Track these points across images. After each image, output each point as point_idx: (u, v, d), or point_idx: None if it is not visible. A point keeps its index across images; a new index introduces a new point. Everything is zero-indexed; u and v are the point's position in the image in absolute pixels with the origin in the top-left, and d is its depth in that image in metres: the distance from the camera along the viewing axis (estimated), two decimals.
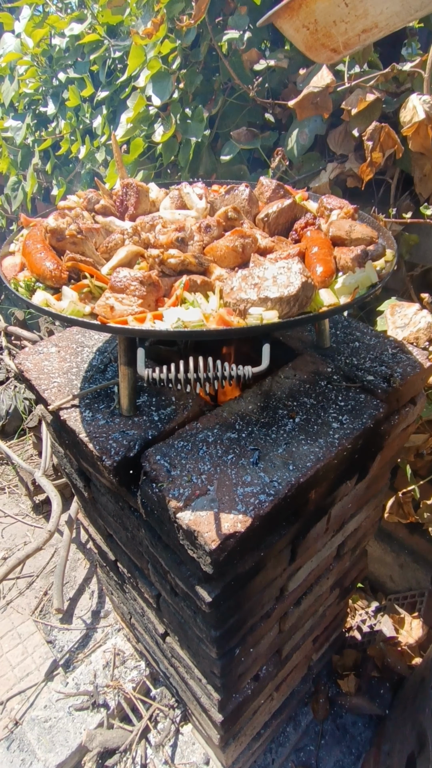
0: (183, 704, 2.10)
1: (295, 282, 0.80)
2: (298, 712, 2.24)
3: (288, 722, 2.22)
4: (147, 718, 2.11)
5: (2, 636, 2.71)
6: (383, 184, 1.84)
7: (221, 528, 0.87)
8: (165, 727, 2.11)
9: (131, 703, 2.22)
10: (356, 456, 1.16)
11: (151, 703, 2.17)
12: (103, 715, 2.16)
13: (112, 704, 2.21)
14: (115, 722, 2.15)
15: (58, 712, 2.22)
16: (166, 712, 2.14)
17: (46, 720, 2.18)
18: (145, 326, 0.78)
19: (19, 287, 0.92)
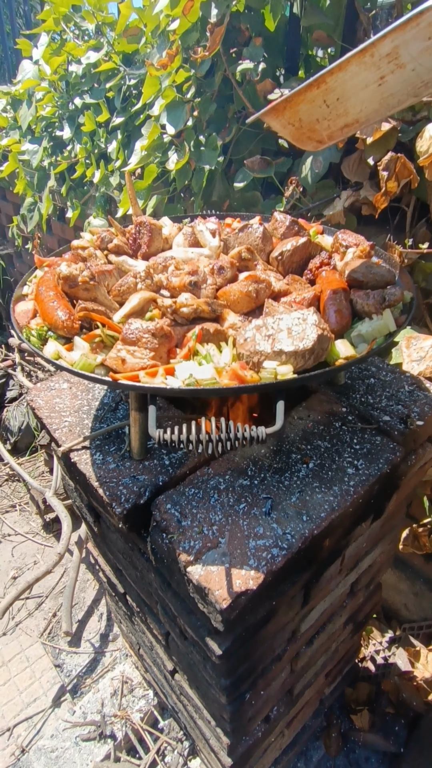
0: (190, 737, 2.05)
1: (311, 335, 0.79)
2: (310, 747, 2.18)
3: (299, 757, 2.16)
4: (155, 752, 2.06)
5: (11, 659, 2.70)
6: (399, 211, 1.81)
7: (232, 585, 0.84)
8: (173, 761, 2.07)
9: (138, 734, 2.18)
10: (372, 500, 1.13)
11: (158, 735, 2.13)
12: (110, 747, 2.13)
13: (119, 735, 2.17)
14: (122, 755, 2.11)
15: (65, 742, 2.19)
16: (174, 745, 2.10)
17: (53, 750, 2.15)
18: (157, 383, 0.77)
19: (31, 336, 0.91)
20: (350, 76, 0.69)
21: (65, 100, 2.92)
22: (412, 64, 0.65)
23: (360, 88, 0.70)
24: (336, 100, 0.73)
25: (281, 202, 1.89)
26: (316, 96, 0.73)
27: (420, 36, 0.61)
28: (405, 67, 0.66)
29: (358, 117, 0.76)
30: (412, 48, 0.63)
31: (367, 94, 0.71)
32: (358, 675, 2.35)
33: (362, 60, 0.66)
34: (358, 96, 0.72)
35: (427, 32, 0.60)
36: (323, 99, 0.73)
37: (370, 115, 0.76)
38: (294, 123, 0.79)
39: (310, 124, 0.78)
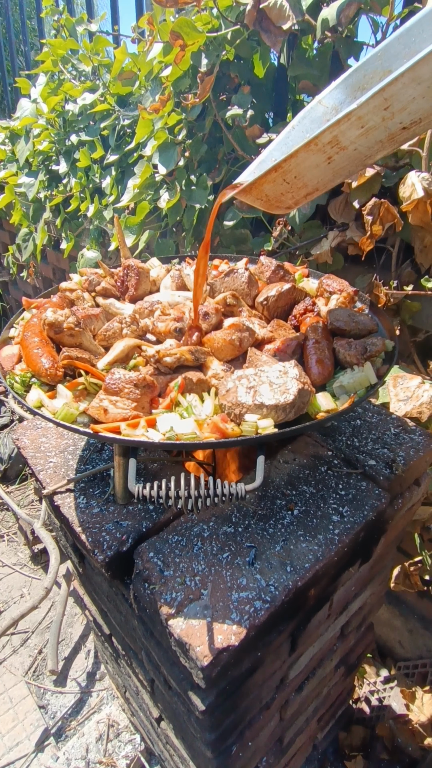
0: None
1: (292, 389, 0.79)
2: None
3: None
4: None
5: None
6: (384, 251, 1.86)
7: (214, 641, 0.83)
8: None
9: None
10: (358, 547, 1.12)
11: None
12: None
13: None
14: None
15: None
16: None
17: None
18: (137, 435, 0.77)
19: (15, 382, 0.91)
20: (302, 161, 0.80)
21: (61, 137, 3.01)
22: (352, 146, 0.77)
23: (312, 167, 0.81)
24: (294, 177, 0.83)
25: (269, 241, 1.94)
26: (276, 177, 0.84)
27: (353, 126, 0.74)
28: (347, 149, 0.77)
29: (317, 186, 0.87)
30: (349, 135, 0.75)
31: (320, 171, 0.82)
32: (352, 717, 2.28)
33: (309, 148, 0.77)
34: (313, 173, 0.82)
35: (358, 123, 0.73)
36: (283, 179, 0.84)
37: (326, 184, 0.87)
38: (262, 198, 0.90)
39: (276, 197, 0.89)
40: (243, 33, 1.86)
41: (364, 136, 0.75)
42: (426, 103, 0.69)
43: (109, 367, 0.93)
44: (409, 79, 0.65)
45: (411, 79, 0.65)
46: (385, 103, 0.69)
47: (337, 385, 0.90)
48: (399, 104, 0.69)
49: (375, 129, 0.74)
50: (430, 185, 1.54)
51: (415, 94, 0.67)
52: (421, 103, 0.69)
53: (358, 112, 0.71)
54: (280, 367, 0.84)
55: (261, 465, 0.75)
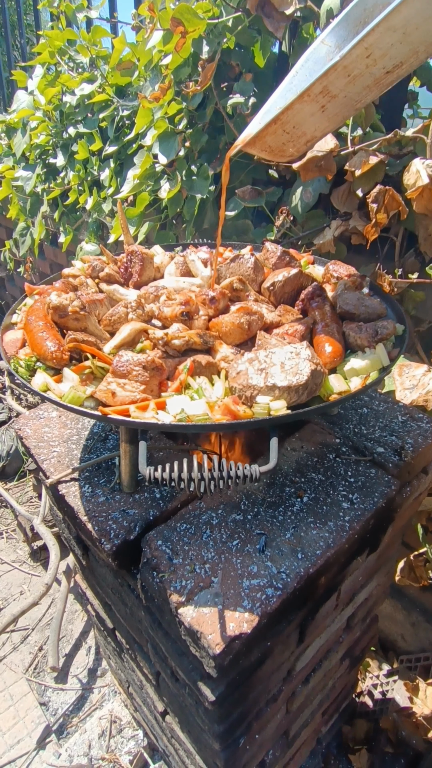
0: None
1: (305, 370, 0.77)
2: None
3: None
4: None
5: None
6: (388, 241, 1.84)
7: (226, 629, 0.81)
8: None
9: None
10: (367, 535, 1.10)
11: None
12: None
13: None
14: None
15: None
16: None
17: None
18: (147, 417, 0.75)
19: (19, 367, 0.89)
20: (297, 112, 0.86)
21: (59, 129, 2.97)
22: (342, 94, 0.84)
23: (308, 116, 0.87)
24: (293, 128, 0.90)
25: (272, 231, 1.92)
26: (276, 129, 0.90)
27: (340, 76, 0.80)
28: (337, 97, 0.84)
29: (314, 134, 0.94)
30: (337, 84, 0.81)
31: (316, 119, 0.88)
32: (355, 711, 2.28)
33: (302, 100, 0.84)
34: (309, 121, 0.89)
35: (344, 72, 0.79)
36: (283, 129, 0.90)
37: (324, 130, 0.94)
38: (266, 149, 0.96)
39: (279, 147, 0.95)
40: (244, 20, 1.84)
41: (352, 83, 0.80)
42: (404, 47, 0.75)
43: (115, 350, 0.91)
44: (385, 28, 0.72)
45: (386, 28, 0.72)
46: (366, 52, 0.75)
47: (348, 368, 0.89)
48: (379, 51, 0.75)
49: (361, 76, 0.79)
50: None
51: (393, 40, 0.74)
52: (399, 48, 0.75)
53: (343, 62, 0.77)
54: (291, 348, 0.82)
55: (275, 447, 0.73)
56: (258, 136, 0.91)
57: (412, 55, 0.77)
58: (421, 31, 0.72)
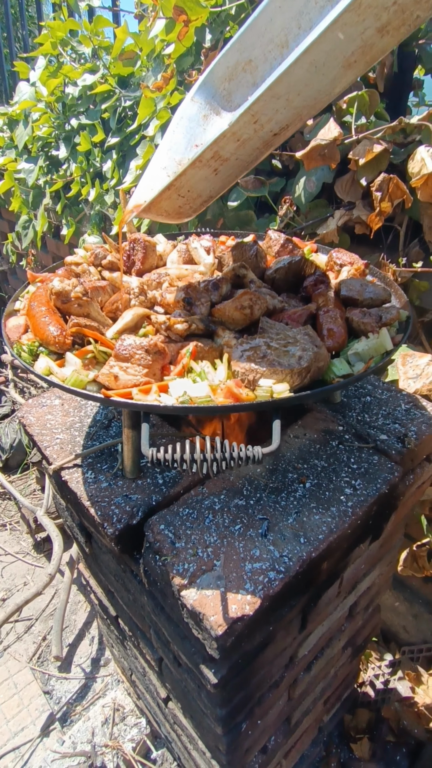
0: None
1: (307, 353, 0.77)
2: None
3: None
4: None
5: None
6: (392, 230, 1.83)
7: (228, 611, 0.81)
8: None
9: (130, 765, 2.10)
10: (370, 521, 1.10)
11: (151, 767, 2.05)
12: None
13: (110, 766, 2.08)
14: None
15: None
16: None
17: None
18: (150, 400, 0.75)
19: (22, 352, 0.89)
20: (190, 177, 0.89)
21: (61, 121, 2.96)
22: (234, 157, 0.87)
23: (202, 180, 0.90)
24: (187, 191, 0.93)
25: (275, 221, 1.91)
26: (171, 194, 0.93)
27: (230, 141, 0.83)
28: (229, 160, 0.87)
29: (210, 194, 0.97)
30: (228, 149, 0.84)
31: (210, 181, 0.91)
32: (357, 701, 2.29)
33: (194, 166, 0.87)
34: (203, 184, 0.92)
35: (234, 138, 0.83)
36: (177, 194, 0.93)
37: (219, 190, 0.97)
38: (162, 213, 1.00)
39: (176, 210, 0.99)
40: (247, 7, 1.82)
41: (242, 147, 0.84)
42: (288, 112, 0.80)
43: (117, 336, 0.91)
44: (269, 96, 0.76)
45: (270, 95, 0.77)
46: (253, 118, 0.80)
47: (352, 353, 0.89)
48: (265, 117, 0.80)
49: (250, 140, 0.83)
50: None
51: (278, 107, 0.79)
52: (284, 113, 0.80)
53: (232, 129, 0.81)
54: (294, 332, 0.82)
55: (277, 429, 0.73)
56: (153, 202, 0.93)
57: (296, 118, 0.82)
58: (303, 96, 0.76)
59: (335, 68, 0.73)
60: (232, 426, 1.32)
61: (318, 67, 0.71)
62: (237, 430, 1.34)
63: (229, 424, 1.34)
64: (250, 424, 1.35)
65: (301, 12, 0.99)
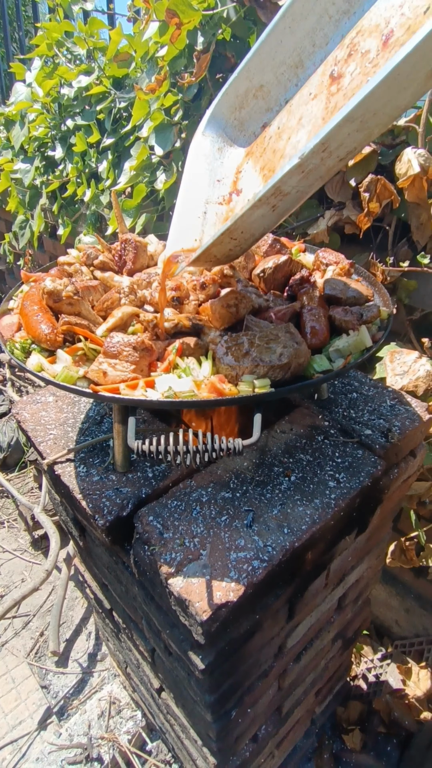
0: (178, 759, 2.01)
1: (288, 350, 0.81)
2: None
3: None
4: None
5: None
6: (381, 230, 1.86)
7: (213, 597, 0.85)
8: None
9: (126, 757, 2.13)
10: (354, 513, 1.14)
11: (146, 758, 2.08)
12: None
13: (106, 758, 2.12)
14: None
15: (50, 766, 2.13)
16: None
17: None
18: (136, 395, 0.78)
19: (15, 349, 0.93)
20: (247, 218, 0.84)
21: (57, 122, 2.99)
22: (294, 190, 0.81)
23: (258, 219, 0.86)
24: (241, 233, 0.88)
25: None
26: (223, 239, 0.88)
27: (294, 174, 0.77)
28: (290, 194, 0.81)
29: (263, 232, 0.93)
30: (290, 183, 0.78)
31: (266, 219, 0.86)
32: (349, 694, 2.32)
33: (255, 206, 0.81)
34: (258, 223, 0.87)
35: (299, 170, 0.76)
36: (230, 238, 0.88)
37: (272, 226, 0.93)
38: (211, 260, 0.95)
39: (225, 254, 0.94)
40: (239, 11, 1.85)
41: (305, 178, 0.78)
42: (359, 135, 0.74)
43: (107, 333, 0.95)
44: (344, 121, 0.69)
45: (345, 120, 0.69)
46: (322, 146, 0.73)
47: (333, 350, 0.92)
48: (335, 143, 0.73)
49: (315, 169, 0.77)
50: (426, 161, 1.55)
51: (350, 130, 0.72)
52: (355, 136, 0.73)
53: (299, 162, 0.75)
54: (276, 329, 0.85)
55: (258, 422, 0.76)
56: (205, 252, 0.89)
57: (366, 140, 0.77)
58: (378, 116, 0.71)
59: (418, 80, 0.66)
60: (223, 422, 1.35)
61: (401, 82, 0.65)
62: (227, 426, 1.37)
63: (220, 421, 1.37)
64: (239, 421, 1.38)
65: (314, 29, 0.97)
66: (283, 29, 0.99)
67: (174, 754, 2.02)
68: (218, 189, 1.10)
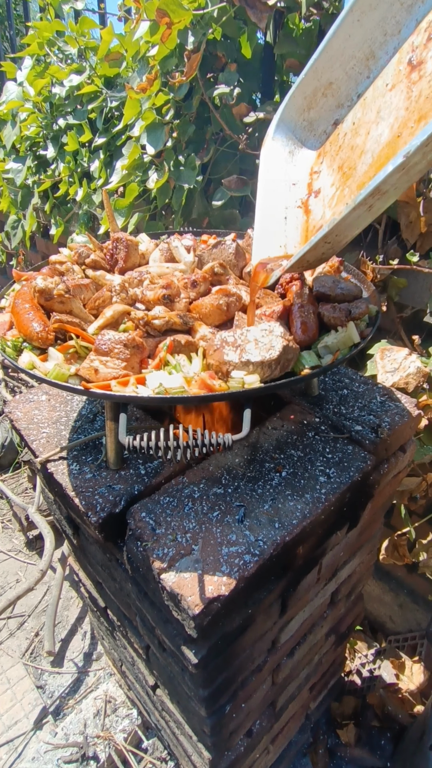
0: (174, 756, 2.02)
1: (276, 346, 0.82)
2: (297, 764, 2.16)
3: None
4: None
5: None
6: (371, 229, 1.88)
7: (205, 591, 0.86)
8: None
9: (122, 755, 2.14)
10: (345, 508, 1.15)
11: (142, 756, 2.09)
12: None
13: (102, 756, 2.12)
14: None
15: (47, 765, 2.13)
16: (158, 765, 2.06)
17: None
18: (127, 392, 0.79)
19: (6, 347, 0.93)
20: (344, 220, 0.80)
21: (49, 121, 2.98)
22: (392, 188, 0.77)
23: (354, 221, 0.82)
24: (335, 236, 0.85)
25: None
26: (317, 245, 0.84)
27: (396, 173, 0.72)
28: (387, 192, 0.77)
29: (356, 233, 0.90)
30: (390, 181, 0.74)
31: (360, 220, 0.83)
32: (344, 689, 2.34)
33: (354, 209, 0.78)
34: (353, 225, 0.84)
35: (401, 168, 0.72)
36: (324, 242, 0.85)
37: (364, 225, 0.89)
38: (303, 265, 0.93)
39: (317, 258, 0.91)
40: (229, 10, 1.86)
41: (405, 174, 0.74)
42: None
43: (98, 331, 0.95)
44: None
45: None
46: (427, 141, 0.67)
47: (321, 346, 0.93)
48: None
49: (416, 165, 0.72)
50: None
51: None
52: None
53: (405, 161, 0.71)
54: (265, 326, 0.86)
55: (248, 417, 0.77)
56: (300, 259, 0.87)
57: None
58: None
59: None
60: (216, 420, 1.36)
61: None
62: (220, 423, 1.38)
63: (212, 418, 1.38)
64: (232, 418, 1.39)
65: (384, 18, 0.93)
66: (351, 23, 0.95)
67: (170, 751, 2.03)
68: (294, 192, 1.08)
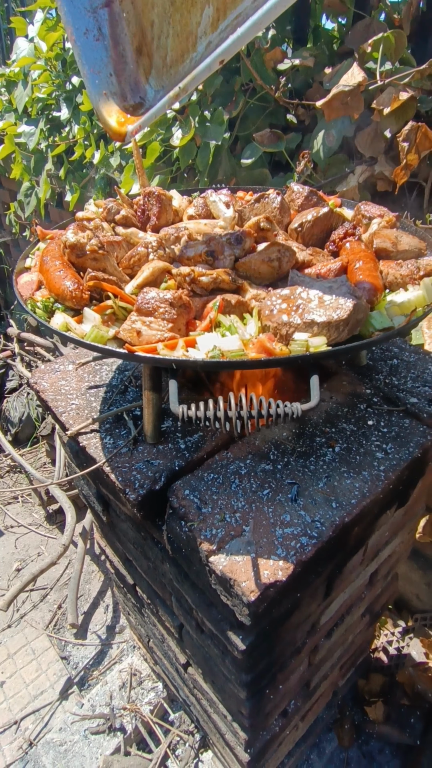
0: (202, 730, 2.01)
1: (346, 304, 0.71)
2: (322, 739, 2.14)
3: (312, 749, 2.12)
4: (166, 745, 2.02)
5: (16, 651, 2.65)
6: (416, 187, 1.73)
7: (260, 576, 0.78)
8: (184, 754, 2.03)
9: (148, 726, 2.14)
10: (400, 487, 1.06)
11: (169, 728, 2.09)
12: (119, 740, 2.08)
13: (129, 728, 2.13)
14: (132, 749, 2.07)
15: (74, 735, 2.15)
16: (185, 738, 2.06)
17: (62, 743, 2.11)
18: (177, 356, 0.70)
19: (37, 308, 0.84)
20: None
21: (62, 80, 2.82)
22: None
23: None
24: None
25: (292, 178, 1.81)
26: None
27: None
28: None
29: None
30: None
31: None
32: (370, 666, 2.31)
33: None
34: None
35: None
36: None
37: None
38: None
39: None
40: None
41: None
42: None
43: (137, 290, 0.86)
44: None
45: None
46: None
47: (388, 306, 0.82)
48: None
49: None
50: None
51: None
52: None
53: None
54: (330, 282, 0.76)
55: (316, 385, 0.68)
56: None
57: None
58: None
59: None
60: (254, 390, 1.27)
61: None
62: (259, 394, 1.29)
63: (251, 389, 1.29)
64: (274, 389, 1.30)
65: None
66: None
67: (198, 726, 2.02)
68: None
